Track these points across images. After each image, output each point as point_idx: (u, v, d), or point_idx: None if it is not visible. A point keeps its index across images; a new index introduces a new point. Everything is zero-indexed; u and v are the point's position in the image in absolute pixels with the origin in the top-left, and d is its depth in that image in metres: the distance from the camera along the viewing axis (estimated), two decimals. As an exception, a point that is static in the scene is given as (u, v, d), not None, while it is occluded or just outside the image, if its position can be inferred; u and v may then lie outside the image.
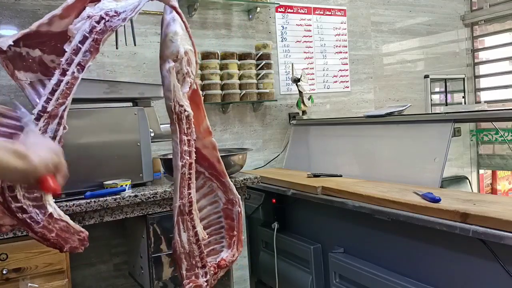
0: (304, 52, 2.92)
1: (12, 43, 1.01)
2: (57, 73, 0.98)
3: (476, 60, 3.66)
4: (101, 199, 1.64)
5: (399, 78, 3.35)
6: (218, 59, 2.47)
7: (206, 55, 2.43)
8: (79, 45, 0.99)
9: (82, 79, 2.23)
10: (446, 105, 3.44)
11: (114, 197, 1.66)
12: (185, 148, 1.05)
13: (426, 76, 3.39)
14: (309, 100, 2.71)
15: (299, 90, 2.68)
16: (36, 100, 1.01)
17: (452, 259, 1.38)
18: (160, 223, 1.80)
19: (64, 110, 0.97)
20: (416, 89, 3.38)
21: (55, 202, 0.93)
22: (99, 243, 2.19)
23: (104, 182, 1.75)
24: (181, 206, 1.03)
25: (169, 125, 2.25)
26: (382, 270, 1.60)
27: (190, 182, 1.05)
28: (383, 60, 3.29)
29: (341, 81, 3.08)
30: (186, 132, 1.07)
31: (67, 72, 0.98)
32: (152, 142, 1.91)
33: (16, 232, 1.53)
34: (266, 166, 2.76)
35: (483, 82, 3.65)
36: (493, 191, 3.49)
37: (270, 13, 2.78)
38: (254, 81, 2.55)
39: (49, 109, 0.95)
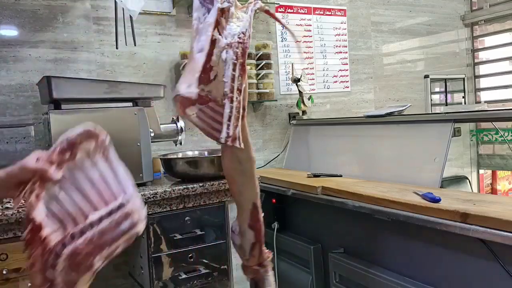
0: (304, 52, 2.92)
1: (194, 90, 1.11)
2: (227, 102, 1.09)
3: (476, 60, 3.66)
4: (101, 199, 1.64)
5: (399, 78, 3.35)
6: (218, 59, 2.47)
7: (206, 55, 2.43)
8: (233, 72, 1.09)
9: (82, 79, 2.24)
10: (446, 105, 3.44)
11: (114, 197, 1.66)
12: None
13: (426, 76, 3.38)
14: (309, 100, 2.71)
15: (299, 90, 2.68)
16: (208, 129, 1.11)
17: (452, 259, 1.38)
18: (160, 223, 1.80)
19: (239, 132, 1.10)
20: (416, 89, 3.38)
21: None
22: (99, 243, 2.19)
23: (104, 182, 1.74)
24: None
25: (169, 125, 2.25)
26: (382, 270, 1.60)
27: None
28: (383, 60, 3.29)
29: (341, 81, 3.08)
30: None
31: (233, 99, 1.09)
32: (152, 142, 1.91)
33: (16, 232, 1.53)
34: (266, 166, 2.76)
35: (483, 82, 3.66)
36: (493, 191, 3.49)
37: (270, 13, 2.78)
38: (254, 81, 2.55)
39: (231, 133, 1.08)
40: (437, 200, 1.40)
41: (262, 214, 1.20)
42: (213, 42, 1.09)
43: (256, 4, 1.14)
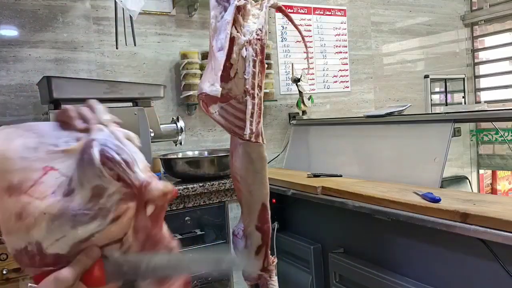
0: (304, 52, 2.92)
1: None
2: (249, 99, 1.09)
3: (476, 60, 3.66)
4: (101, 199, 1.64)
5: (399, 78, 3.35)
6: (218, 59, 2.47)
7: (206, 55, 2.43)
8: (253, 69, 1.09)
9: (82, 79, 2.24)
10: (446, 105, 3.44)
11: (114, 197, 1.66)
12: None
13: (426, 76, 3.39)
14: (309, 100, 2.71)
15: (299, 90, 2.68)
16: (231, 127, 1.13)
17: (452, 259, 1.38)
18: (160, 223, 1.80)
19: (261, 128, 1.10)
20: (416, 89, 3.38)
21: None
22: (99, 243, 2.19)
23: (104, 182, 1.74)
24: None
25: (169, 125, 2.24)
26: (382, 270, 1.60)
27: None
28: (383, 60, 3.29)
29: (341, 81, 3.08)
30: None
31: (255, 95, 1.09)
32: (152, 142, 1.91)
33: (16, 232, 1.53)
34: (266, 166, 2.76)
35: (483, 82, 3.66)
36: (493, 191, 3.49)
37: (270, 13, 2.78)
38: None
39: (254, 130, 1.08)
40: (437, 200, 1.40)
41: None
42: (232, 40, 1.09)
43: (269, 0, 1.14)
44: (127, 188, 0.56)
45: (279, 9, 1.18)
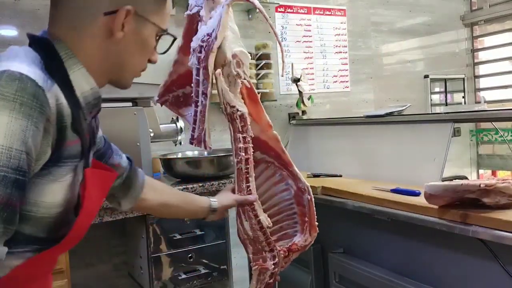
0: (304, 52, 2.92)
1: (158, 98, 1.29)
2: (192, 106, 1.12)
3: (476, 60, 3.66)
4: (100, 199, 1.64)
5: (399, 78, 3.35)
6: (218, 59, 2.47)
7: (206, 55, 2.43)
8: (196, 77, 1.10)
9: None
10: (446, 105, 3.44)
11: (114, 197, 1.66)
12: (240, 145, 1.12)
13: (426, 76, 3.39)
14: (309, 100, 2.71)
15: (299, 90, 2.68)
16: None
17: (452, 259, 1.38)
18: (160, 223, 1.80)
19: (205, 135, 1.11)
20: (416, 89, 3.38)
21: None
22: (99, 243, 2.19)
23: (103, 182, 1.74)
24: None
25: (168, 125, 2.25)
26: (382, 270, 1.60)
27: (247, 176, 1.14)
28: (383, 60, 3.29)
29: (341, 81, 3.07)
30: (240, 130, 1.15)
31: (198, 103, 1.10)
32: (151, 142, 1.91)
33: (16, 232, 1.53)
34: (266, 166, 2.75)
35: (483, 82, 3.66)
36: (493, 191, 3.48)
37: (269, 13, 2.78)
38: (254, 81, 2.55)
39: (195, 136, 1.11)
40: (417, 194, 1.45)
41: None
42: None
43: None
44: None
45: (248, 1, 1.16)
